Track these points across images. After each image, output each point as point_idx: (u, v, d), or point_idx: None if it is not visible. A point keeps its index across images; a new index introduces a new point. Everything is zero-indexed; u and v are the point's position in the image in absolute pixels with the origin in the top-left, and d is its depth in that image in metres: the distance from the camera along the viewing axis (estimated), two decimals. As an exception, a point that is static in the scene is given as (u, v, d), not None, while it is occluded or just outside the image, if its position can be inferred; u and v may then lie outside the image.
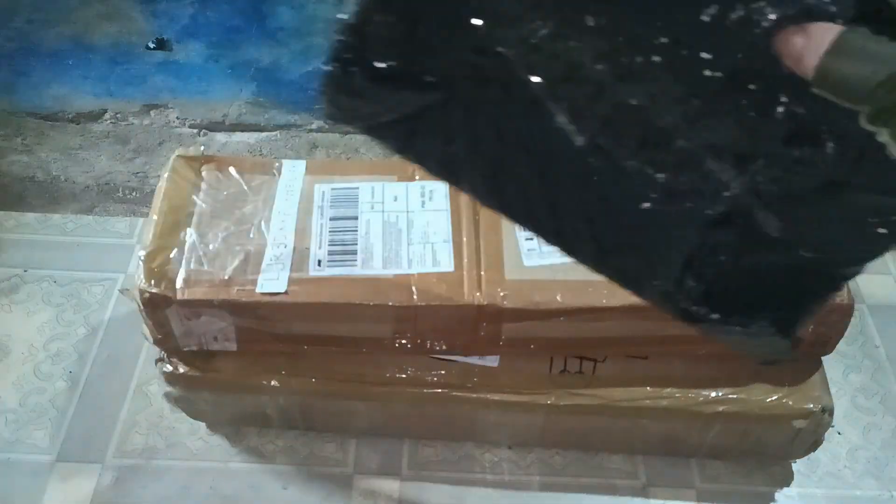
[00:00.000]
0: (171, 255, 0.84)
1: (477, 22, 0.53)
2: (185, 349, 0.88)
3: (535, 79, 0.53)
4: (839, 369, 1.10)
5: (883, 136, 0.40)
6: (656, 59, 0.49)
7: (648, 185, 0.55)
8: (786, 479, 1.00)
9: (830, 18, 0.43)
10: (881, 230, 0.52)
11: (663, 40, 0.49)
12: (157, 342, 0.88)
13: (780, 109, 0.49)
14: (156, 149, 1.41)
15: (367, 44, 0.56)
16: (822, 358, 0.90)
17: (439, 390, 0.89)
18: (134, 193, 1.34)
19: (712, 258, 0.58)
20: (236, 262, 0.84)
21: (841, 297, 0.81)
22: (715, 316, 0.61)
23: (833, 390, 0.89)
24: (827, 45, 0.40)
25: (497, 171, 0.62)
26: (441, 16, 0.54)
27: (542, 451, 1.01)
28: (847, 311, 0.83)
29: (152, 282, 0.82)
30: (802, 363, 0.89)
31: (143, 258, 0.84)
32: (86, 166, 1.37)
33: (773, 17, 0.45)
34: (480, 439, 1.01)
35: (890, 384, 1.09)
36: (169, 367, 0.89)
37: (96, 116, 1.46)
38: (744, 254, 0.57)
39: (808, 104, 0.47)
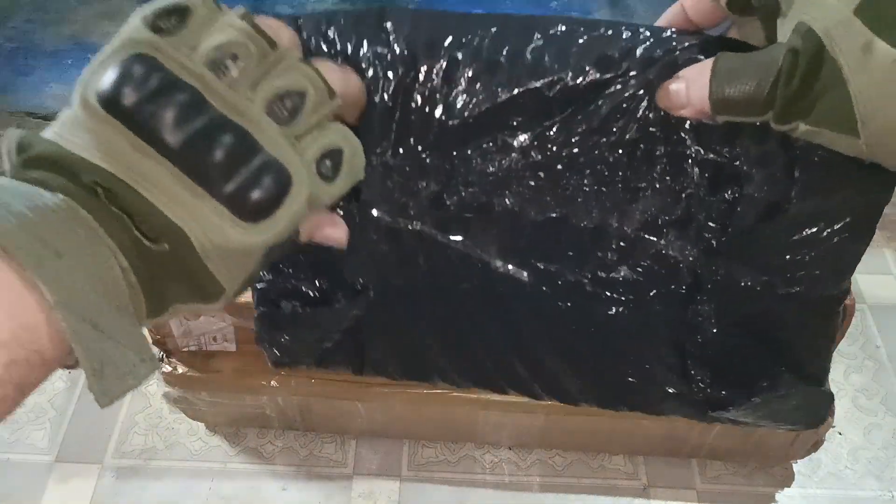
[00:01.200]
0: (171, 255, 0.84)
1: (376, 213, 0.51)
2: (184, 349, 0.88)
3: (455, 237, 0.52)
4: (840, 369, 1.09)
5: (800, 128, 0.41)
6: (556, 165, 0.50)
7: (609, 288, 0.53)
8: (787, 480, 1.00)
9: (692, 62, 0.46)
10: (832, 236, 0.49)
11: (553, 148, 0.49)
12: (155, 342, 0.87)
13: (692, 163, 0.49)
14: (155, 149, 1.41)
15: (290, 274, 0.56)
16: (824, 358, 0.90)
17: (439, 390, 0.88)
18: (133, 193, 1.34)
19: (703, 335, 0.55)
20: (235, 262, 0.84)
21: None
22: (740, 394, 0.57)
23: (834, 390, 0.89)
24: (708, 75, 0.42)
25: (460, 347, 0.59)
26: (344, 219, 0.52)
27: (542, 452, 1.01)
28: (848, 312, 0.83)
29: (151, 282, 0.82)
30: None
31: (142, 258, 0.83)
32: (85, 166, 1.37)
33: (641, 92, 0.47)
34: (481, 440, 1.01)
35: (891, 384, 1.09)
36: (168, 368, 0.89)
37: (96, 116, 1.46)
38: (729, 315, 0.54)
39: (715, 146, 0.48)
